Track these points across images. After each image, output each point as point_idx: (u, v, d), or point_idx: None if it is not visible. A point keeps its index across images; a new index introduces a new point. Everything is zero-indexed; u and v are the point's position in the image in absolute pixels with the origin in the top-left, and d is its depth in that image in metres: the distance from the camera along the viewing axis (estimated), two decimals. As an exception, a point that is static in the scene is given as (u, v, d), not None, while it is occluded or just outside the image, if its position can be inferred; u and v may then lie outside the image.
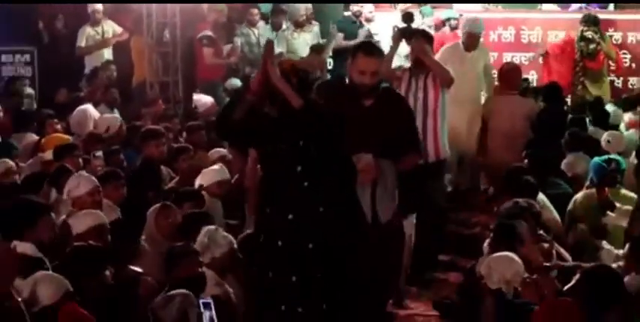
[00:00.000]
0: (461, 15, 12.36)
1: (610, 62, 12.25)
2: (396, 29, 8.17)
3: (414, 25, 11.76)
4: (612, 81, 12.49)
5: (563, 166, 8.17)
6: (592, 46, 11.88)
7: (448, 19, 12.50)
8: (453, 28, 12.36)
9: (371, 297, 5.49)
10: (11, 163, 7.70)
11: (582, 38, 11.92)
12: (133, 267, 5.56)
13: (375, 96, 5.55)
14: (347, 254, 4.89)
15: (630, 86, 12.47)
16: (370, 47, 5.68)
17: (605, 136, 8.82)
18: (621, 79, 12.56)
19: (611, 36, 12.47)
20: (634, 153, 8.37)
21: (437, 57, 8.68)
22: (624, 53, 12.55)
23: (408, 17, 10.31)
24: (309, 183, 4.78)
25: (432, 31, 10.68)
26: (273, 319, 4.82)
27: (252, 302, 5.22)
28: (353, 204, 5.05)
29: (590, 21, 12.02)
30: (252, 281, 5.17)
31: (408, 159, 5.74)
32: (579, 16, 12.51)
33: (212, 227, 5.98)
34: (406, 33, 8.01)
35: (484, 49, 9.44)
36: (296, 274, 4.76)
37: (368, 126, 5.43)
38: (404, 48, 8.79)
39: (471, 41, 9.19)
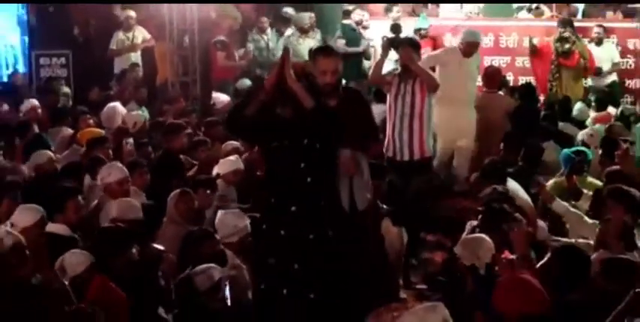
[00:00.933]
0: (430, 25, 12.37)
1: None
2: (385, 39, 8.04)
3: (408, 32, 11.81)
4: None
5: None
6: (567, 46, 11.80)
7: (419, 29, 12.41)
8: (423, 37, 12.30)
9: (367, 283, 5.41)
10: (51, 154, 7.65)
11: (559, 39, 11.83)
12: (155, 245, 5.53)
13: (337, 96, 5.34)
14: (346, 245, 4.82)
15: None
16: (328, 49, 5.56)
17: (587, 131, 8.90)
18: (589, 79, 12.48)
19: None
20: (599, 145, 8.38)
21: (436, 57, 8.63)
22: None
23: (396, 28, 10.24)
24: (311, 179, 4.73)
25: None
26: (274, 302, 4.72)
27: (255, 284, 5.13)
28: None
29: (566, 22, 11.98)
30: (254, 265, 5.10)
31: (373, 148, 5.84)
32: (551, 23, 12.47)
33: (231, 211, 5.97)
34: (394, 42, 7.92)
35: (477, 54, 9.37)
36: (298, 262, 4.69)
37: None
38: (393, 54, 8.72)
39: (472, 49, 9.06)
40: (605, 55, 12.06)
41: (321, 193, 4.76)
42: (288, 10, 12.96)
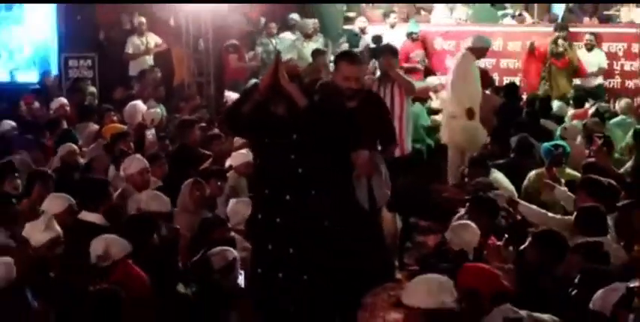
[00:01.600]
0: (421, 30, 12.33)
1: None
2: (367, 48, 7.92)
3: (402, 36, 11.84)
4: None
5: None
6: (560, 49, 11.84)
7: (411, 33, 12.39)
8: (414, 40, 12.29)
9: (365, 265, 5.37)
10: (74, 146, 7.66)
11: (555, 41, 11.84)
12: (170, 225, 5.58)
13: (358, 98, 5.25)
14: (335, 232, 4.73)
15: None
16: (352, 55, 5.38)
17: (564, 125, 8.82)
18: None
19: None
20: (578, 138, 8.39)
21: (460, 60, 8.61)
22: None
23: (377, 39, 10.15)
24: (303, 170, 4.61)
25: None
26: (272, 285, 4.62)
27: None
28: (345, 189, 4.93)
29: (563, 27, 11.98)
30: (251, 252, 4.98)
31: (390, 149, 5.72)
32: (531, 29, 12.44)
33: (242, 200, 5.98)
34: (376, 52, 7.84)
35: None
36: (293, 247, 4.59)
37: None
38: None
39: (483, 53, 9.01)
40: (594, 60, 12.00)
41: (312, 183, 4.63)
42: (294, 17, 12.97)
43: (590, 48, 12.00)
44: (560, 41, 11.76)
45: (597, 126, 8.81)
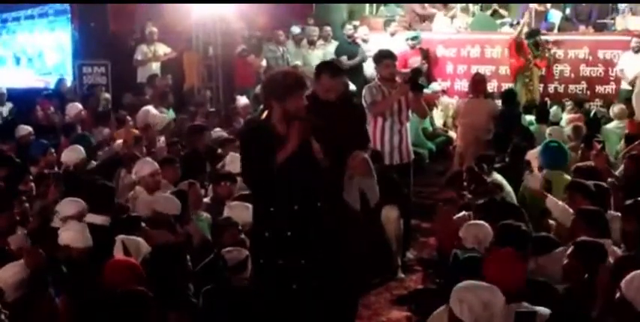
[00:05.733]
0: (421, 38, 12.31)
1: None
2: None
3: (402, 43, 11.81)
4: (556, 88, 12.39)
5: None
6: (537, 52, 11.87)
7: (412, 38, 12.33)
8: (413, 47, 12.25)
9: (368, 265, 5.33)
10: (80, 151, 7.49)
11: (534, 44, 11.87)
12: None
13: (336, 107, 5.10)
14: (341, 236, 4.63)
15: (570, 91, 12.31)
16: (334, 69, 5.20)
17: (548, 130, 8.77)
18: (562, 85, 12.45)
19: (554, 53, 12.35)
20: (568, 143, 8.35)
21: None
22: (564, 66, 12.43)
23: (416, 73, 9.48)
24: (311, 179, 4.38)
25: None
26: (286, 297, 4.38)
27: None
28: (340, 192, 4.89)
29: (531, 34, 11.96)
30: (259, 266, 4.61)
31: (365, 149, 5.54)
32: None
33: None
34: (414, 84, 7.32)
35: None
36: (304, 258, 4.37)
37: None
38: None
39: None
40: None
41: (319, 191, 4.44)
42: (294, 30, 12.93)
43: (638, 50, 11.60)
44: (535, 44, 11.80)
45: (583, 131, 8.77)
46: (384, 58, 7.30)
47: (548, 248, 4.87)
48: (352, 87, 9.66)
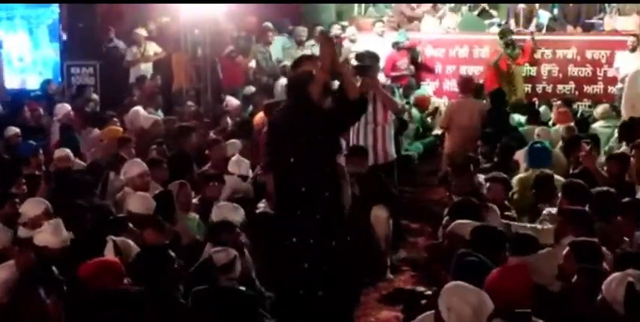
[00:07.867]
0: (408, 38, 12.31)
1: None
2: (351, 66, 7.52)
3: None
4: (544, 88, 12.42)
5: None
6: (516, 51, 11.91)
7: (397, 43, 12.37)
8: (400, 49, 12.26)
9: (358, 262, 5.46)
10: (67, 151, 7.53)
11: (507, 45, 11.90)
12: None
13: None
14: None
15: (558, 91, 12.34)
16: (311, 56, 5.65)
17: (536, 131, 8.77)
18: (550, 85, 12.48)
19: (542, 53, 12.37)
20: (560, 143, 8.35)
21: None
22: (552, 66, 12.47)
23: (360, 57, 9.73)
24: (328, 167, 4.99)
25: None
26: (297, 275, 4.91)
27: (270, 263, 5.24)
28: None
29: (503, 33, 12.03)
30: (271, 246, 5.17)
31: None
32: (516, 36, 12.39)
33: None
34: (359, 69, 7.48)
35: None
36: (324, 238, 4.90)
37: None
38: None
39: None
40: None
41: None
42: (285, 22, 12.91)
43: (632, 49, 11.67)
44: (509, 42, 11.83)
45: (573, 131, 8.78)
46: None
47: (530, 248, 4.80)
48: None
